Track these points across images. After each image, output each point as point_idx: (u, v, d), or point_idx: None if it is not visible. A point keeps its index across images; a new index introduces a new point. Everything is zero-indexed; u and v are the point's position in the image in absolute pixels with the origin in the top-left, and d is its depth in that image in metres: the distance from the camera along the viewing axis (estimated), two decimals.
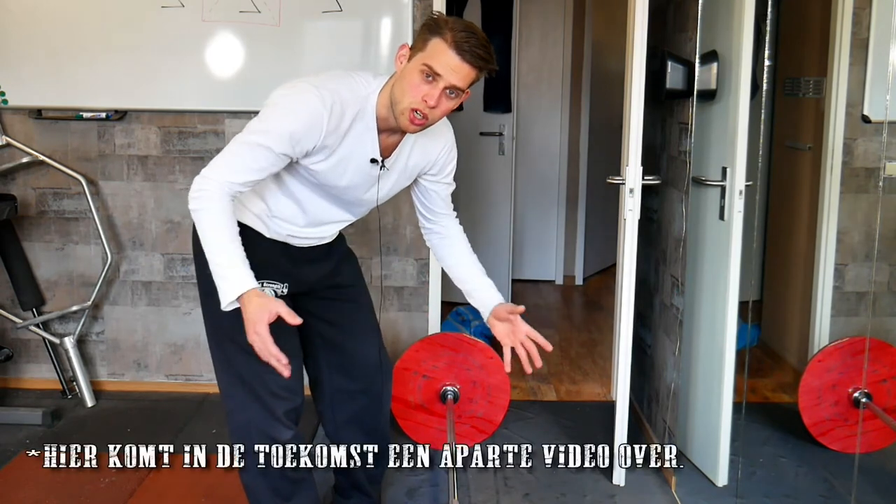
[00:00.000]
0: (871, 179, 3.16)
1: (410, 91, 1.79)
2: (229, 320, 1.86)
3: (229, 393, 2.07)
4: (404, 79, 1.81)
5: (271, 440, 2.04)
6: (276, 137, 1.79)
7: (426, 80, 1.78)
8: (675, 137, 2.86)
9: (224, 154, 1.83)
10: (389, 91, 1.85)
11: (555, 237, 5.46)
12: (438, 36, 1.76)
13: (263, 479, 2.09)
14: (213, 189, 1.79)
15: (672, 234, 2.84)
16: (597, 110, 5.33)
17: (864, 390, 2.89)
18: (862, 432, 2.86)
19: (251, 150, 1.80)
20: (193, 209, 1.82)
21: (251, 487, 2.13)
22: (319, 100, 1.80)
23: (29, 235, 3.41)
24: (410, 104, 1.80)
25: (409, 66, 1.81)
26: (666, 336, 2.89)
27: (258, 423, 2.04)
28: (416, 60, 1.79)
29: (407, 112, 1.81)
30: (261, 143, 1.79)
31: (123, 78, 3.22)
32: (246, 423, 2.05)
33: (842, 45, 3.06)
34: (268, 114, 1.83)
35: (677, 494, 2.65)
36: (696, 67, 2.57)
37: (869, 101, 3.09)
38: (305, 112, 1.80)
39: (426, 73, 1.77)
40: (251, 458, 2.06)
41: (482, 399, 2.96)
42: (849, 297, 3.23)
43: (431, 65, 1.76)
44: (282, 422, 2.05)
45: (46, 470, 2.77)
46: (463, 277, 2.32)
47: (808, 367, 2.97)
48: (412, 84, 1.79)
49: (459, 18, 1.86)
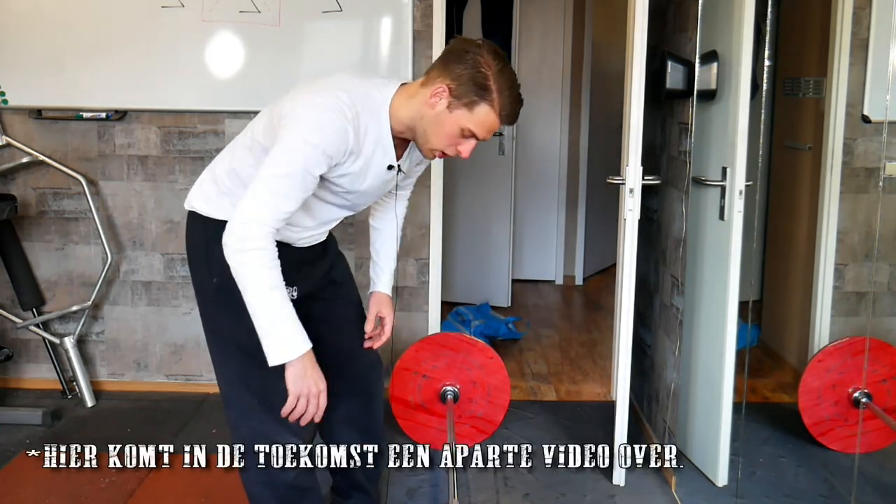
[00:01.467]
0: (871, 179, 3.16)
1: (446, 140, 1.82)
2: (233, 324, 1.84)
3: (232, 400, 2.03)
4: (441, 125, 1.80)
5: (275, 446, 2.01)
6: (314, 161, 1.74)
7: (463, 137, 1.81)
8: (675, 137, 2.86)
9: (259, 191, 1.72)
10: (410, 113, 1.84)
11: (555, 237, 5.46)
12: (487, 103, 1.76)
13: (269, 489, 2.06)
14: (261, 235, 1.70)
15: (672, 234, 2.84)
16: (597, 110, 5.33)
17: (864, 390, 2.89)
18: (862, 432, 2.86)
19: (290, 180, 1.73)
20: (240, 262, 1.70)
21: (257, 497, 2.10)
22: (341, 115, 1.77)
23: (29, 235, 3.41)
24: (442, 148, 1.84)
25: (448, 116, 1.79)
26: (666, 336, 2.89)
27: (264, 434, 2.00)
28: (458, 118, 1.78)
29: (436, 151, 1.85)
30: (300, 170, 1.73)
31: (123, 78, 3.23)
32: (251, 435, 2.01)
33: (842, 45, 3.06)
34: (295, 138, 1.75)
35: (677, 494, 2.65)
36: (696, 67, 2.57)
37: (869, 101, 3.09)
38: (332, 129, 1.76)
39: (466, 135, 1.81)
40: (257, 466, 2.02)
41: (482, 399, 2.96)
42: (849, 297, 3.23)
43: (475, 131, 1.80)
44: (293, 431, 1.99)
45: (46, 470, 2.77)
46: (379, 250, 2.31)
47: (808, 367, 2.97)
48: (449, 135, 1.81)
49: (504, 66, 1.79)
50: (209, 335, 2.06)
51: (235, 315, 1.79)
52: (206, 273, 1.95)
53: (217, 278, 1.90)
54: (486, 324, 4.06)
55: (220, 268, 1.79)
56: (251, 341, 1.78)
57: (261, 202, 1.72)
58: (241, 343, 1.87)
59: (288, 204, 1.74)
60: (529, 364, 3.92)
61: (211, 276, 1.93)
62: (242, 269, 1.71)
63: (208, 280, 1.95)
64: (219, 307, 1.95)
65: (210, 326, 2.04)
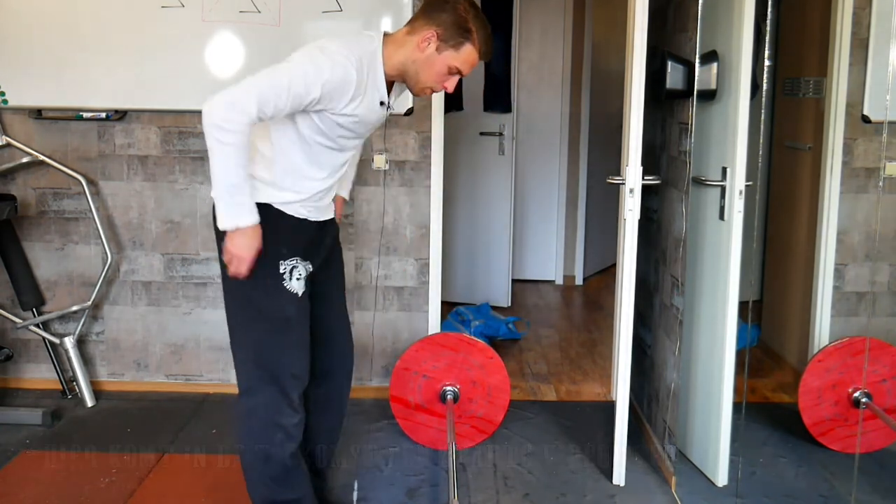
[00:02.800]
0: (871, 179, 3.16)
1: (435, 78, 2.11)
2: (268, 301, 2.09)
3: (247, 373, 2.18)
4: (431, 67, 2.08)
5: (277, 427, 2.15)
6: (312, 80, 1.95)
7: (450, 74, 2.11)
8: (675, 137, 2.86)
9: (253, 85, 1.93)
10: (401, 58, 2.09)
11: (555, 237, 5.46)
12: (470, 43, 2.08)
13: (263, 464, 2.18)
14: (245, 123, 1.91)
15: (672, 234, 2.84)
16: (597, 110, 5.33)
17: (864, 390, 2.89)
18: (862, 432, 2.86)
19: (285, 87, 1.94)
20: (220, 140, 1.91)
21: (250, 468, 2.22)
22: (346, 58, 2.00)
23: (29, 235, 3.41)
24: (432, 86, 2.13)
25: (437, 57, 2.07)
26: (666, 336, 2.89)
27: (269, 408, 2.15)
28: (447, 57, 2.07)
29: (426, 89, 2.14)
30: (298, 82, 1.94)
31: (123, 78, 3.23)
32: (256, 406, 2.16)
33: (842, 45, 3.06)
34: (302, 58, 1.99)
35: (677, 494, 2.65)
36: (696, 67, 2.57)
37: (869, 101, 3.09)
38: (342, 67, 1.98)
39: (452, 72, 2.10)
40: (254, 442, 2.17)
41: (482, 399, 2.96)
42: (849, 297, 3.23)
43: (461, 68, 2.10)
44: (293, 406, 2.17)
45: (46, 470, 2.78)
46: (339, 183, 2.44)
47: (808, 367, 2.97)
48: (438, 73, 2.10)
49: (477, 12, 2.11)
50: (235, 310, 2.17)
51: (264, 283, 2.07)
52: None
53: None
54: (486, 324, 4.06)
55: None
56: (273, 310, 2.09)
57: (251, 95, 1.92)
58: (263, 311, 2.11)
59: (273, 106, 1.94)
60: (529, 364, 3.92)
61: None
62: (217, 145, 1.91)
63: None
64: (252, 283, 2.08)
65: (237, 301, 2.16)
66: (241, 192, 1.97)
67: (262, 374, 2.14)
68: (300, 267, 2.14)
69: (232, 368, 3.42)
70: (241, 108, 1.90)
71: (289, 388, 2.16)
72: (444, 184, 3.29)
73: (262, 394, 2.15)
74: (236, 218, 1.98)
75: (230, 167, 1.93)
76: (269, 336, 2.13)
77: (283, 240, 2.11)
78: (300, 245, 2.16)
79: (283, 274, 2.11)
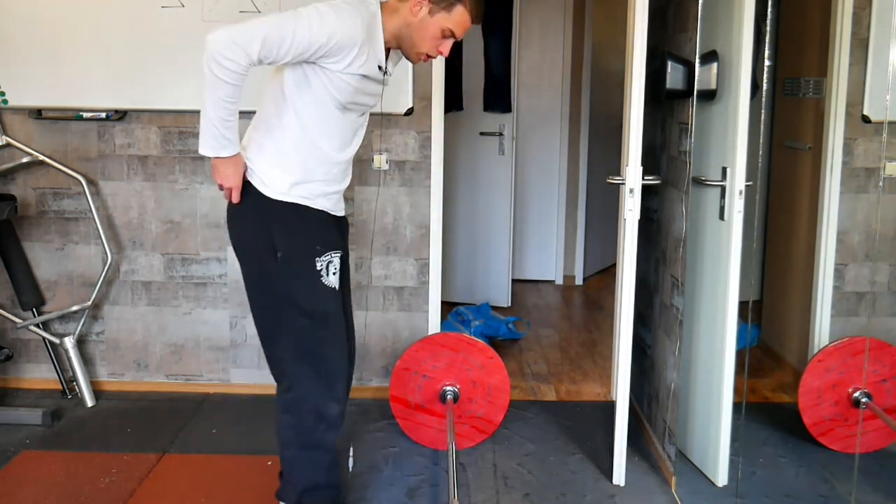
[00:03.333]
0: (871, 179, 3.16)
1: (430, 42, 2.14)
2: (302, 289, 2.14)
3: (288, 369, 2.22)
4: (425, 30, 2.11)
5: (321, 417, 2.21)
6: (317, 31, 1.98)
7: (444, 37, 2.14)
8: (675, 137, 2.86)
9: (259, 26, 1.95)
10: (396, 24, 2.13)
11: (555, 237, 5.46)
12: (461, 5, 2.10)
13: (308, 453, 2.25)
14: (244, 63, 1.95)
15: (672, 234, 2.84)
16: (597, 110, 5.33)
17: (864, 390, 2.89)
18: (862, 432, 2.86)
19: (291, 33, 1.96)
20: (219, 76, 1.94)
21: (293, 461, 2.28)
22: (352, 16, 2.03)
23: (29, 235, 3.41)
24: (427, 51, 2.16)
25: (430, 20, 2.11)
26: (666, 336, 2.89)
27: (313, 400, 2.21)
28: (440, 20, 2.10)
29: (421, 55, 2.17)
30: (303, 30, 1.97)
31: (123, 78, 3.23)
32: (300, 399, 2.21)
33: (842, 45, 3.06)
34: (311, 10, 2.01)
35: (677, 494, 2.65)
36: (696, 67, 2.57)
37: (869, 101, 3.09)
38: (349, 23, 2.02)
39: (446, 35, 2.13)
40: (300, 434, 2.23)
41: (482, 399, 2.96)
42: (849, 297, 3.23)
43: (454, 30, 2.13)
44: (336, 398, 2.24)
45: (46, 470, 2.78)
46: None
47: (808, 367, 2.97)
48: (433, 37, 2.13)
49: None
50: (273, 308, 2.20)
51: (304, 280, 2.14)
52: (268, 249, 2.15)
53: (281, 252, 2.14)
54: (486, 324, 4.06)
55: (282, 241, 2.13)
56: (313, 306, 2.15)
57: (256, 36, 1.94)
58: (304, 308, 2.16)
59: (276, 51, 1.97)
60: (529, 364, 3.92)
61: (275, 251, 2.14)
62: (212, 77, 1.95)
63: (270, 255, 2.15)
64: (287, 276, 2.16)
65: (275, 299, 2.19)
66: (227, 128, 2.02)
67: (305, 370, 2.20)
68: (335, 261, 2.20)
69: (232, 368, 3.46)
70: (243, 46, 1.93)
71: (331, 380, 2.21)
72: (444, 184, 3.29)
73: (306, 387, 2.20)
74: (220, 149, 2.04)
75: (221, 100, 1.97)
76: (311, 332, 2.18)
77: (315, 236, 2.17)
78: (330, 238, 2.22)
79: (321, 270, 2.16)
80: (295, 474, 2.29)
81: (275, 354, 2.25)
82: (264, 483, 2.65)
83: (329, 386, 2.22)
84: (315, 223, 2.19)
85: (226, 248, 3.39)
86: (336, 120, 2.16)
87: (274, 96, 2.16)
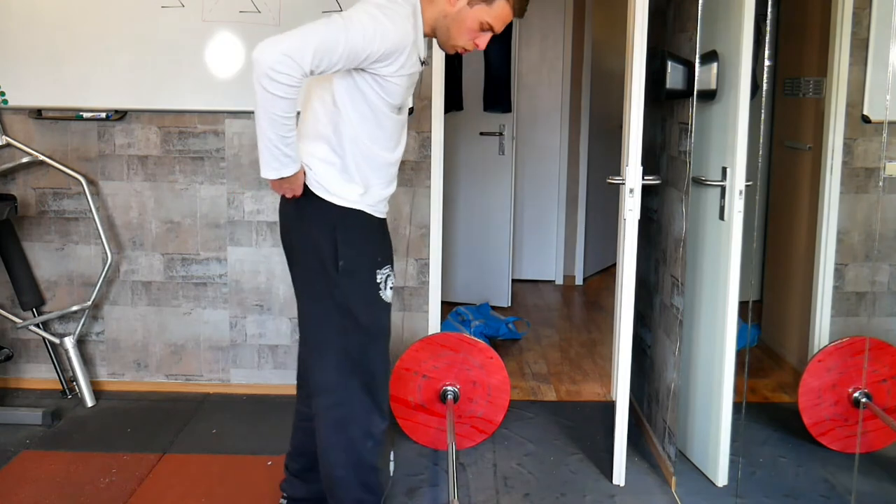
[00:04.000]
0: (871, 179, 3.16)
1: (467, 35, 2.06)
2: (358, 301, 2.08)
3: (337, 381, 2.14)
4: (462, 22, 2.03)
5: (369, 434, 2.15)
6: (371, 35, 1.90)
7: (482, 30, 2.05)
8: (675, 137, 2.86)
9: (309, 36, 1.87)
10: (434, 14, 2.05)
11: (555, 237, 5.46)
12: None
13: (356, 471, 2.18)
14: (298, 76, 1.85)
15: (672, 234, 2.84)
16: (597, 110, 5.33)
17: (864, 390, 2.89)
18: (862, 432, 2.86)
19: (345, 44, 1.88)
20: (274, 92, 1.84)
21: (343, 481, 2.19)
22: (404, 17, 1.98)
23: (29, 235, 3.41)
24: (464, 44, 2.08)
25: (469, 12, 2.02)
26: (666, 336, 2.89)
27: (363, 417, 2.15)
28: (479, 12, 2.02)
29: (457, 48, 2.09)
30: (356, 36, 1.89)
31: (123, 78, 3.23)
32: (351, 416, 2.14)
33: (842, 45, 3.06)
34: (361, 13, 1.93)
35: (677, 494, 2.65)
36: (696, 67, 2.57)
37: (869, 101, 3.09)
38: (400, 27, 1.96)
39: (484, 28, 2.04)
40: (349, 454, 2.16)
41: (482, 399, 2.96)
42: (849, 297, 3.24)
43: (493, 24, 2.04)
44: (383, 414, 2.19)
45: (46, 470, 2.77)
46: None
47: (808, 367, 2.97)
48: (470, 30, 2.05)
49: None
50: (329, 319, 2.12)
51: (363, 292, 2.08)
52: (330, 258, 2.07)
53: (343, 261, 2.07)
54: (486, 324, 4.06)
55: (346, 251, 2.06)
56: (370, 319, 2.09)
57: (308, 46, 1.85)
58: (360, 321, 2.09)
59: (328, 60, 1.88)
60: (529, 364, 3.92)
61: (336, 260, 2.07)
62: (266, 95, 1.85)
63: (332, 264, 2.07)
64: (347, 286, 2.09)
65: (333, 310, 2.11)
66: (287, 145, 1.93)
67: (357, 383, 2.13)
68: (392, 275, 2.15)
69: (232, 368, 3.46)
70: (296, 58, 1.83)
71: (380, 396, 2.17)
72: (444, 184, 3.29)
73: (357, 403, 2.14)
74: (282, 168, 1.95)
75: (278, 118, 1.87)
76: (365, 346, 2.12)
77: (377, 248, 2.13)
78: (388, 250, 2.17)
79: (380, 284, 2.12)
80: (344, 494, 2.20)
81: (320, 365, 2.16)
82: (264, 483, 2.66)
83: (377, 402, 2.16)
84: (377, 233, 2.14)
85: (226, 248, 3.39)
86: (389, 123, 2.10)
87: (324, 106, 2.06)
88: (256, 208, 3.37)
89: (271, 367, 3.46)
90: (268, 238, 3.38)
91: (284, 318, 3.43)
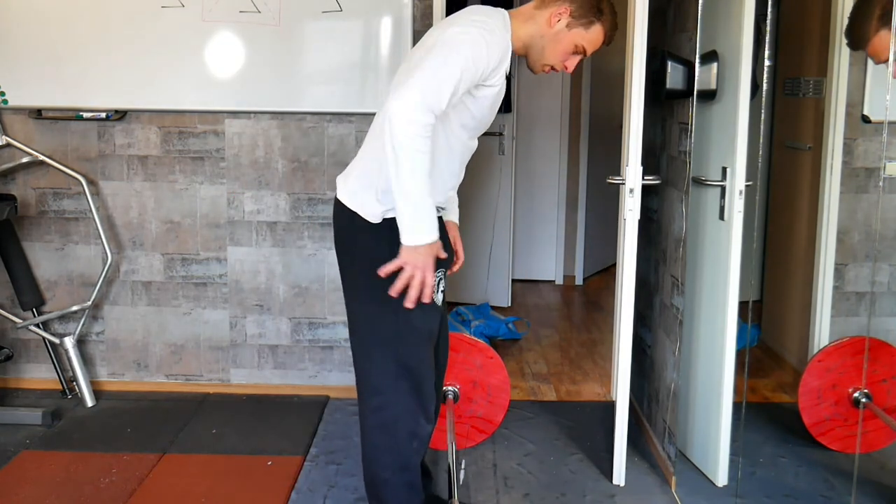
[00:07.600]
0: (871, 179, 3.16)
1: (559, 56, 2.07)
2: (420, 315, 2.02)
3: (385, 384, 2.12)
4: (558, 43, 2.05)
5: (414, 436, 2.14)
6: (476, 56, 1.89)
7: (574, 53, 2.07)
8: (675, 137, 2.86)
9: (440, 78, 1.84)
10: (529, 32, 2.05)
11: (555, 237, 5.46)
12: (600, 23, 2.05)
13: (401, 473, 2.17)
14: (427, 123, 1.81)
15: (672, 234, 2.84)
16: (597, 110, 5.33)
17: (864, 390, 2.89)
18: (862, 432, 2.86)
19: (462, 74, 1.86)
20: (420, 148, 1.81)
21: (389, 483, 2.18)
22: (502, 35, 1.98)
23: (29, 235, 3.41)
24: (554, 64, 2.08)
25: (566, 34, 2.04)
26: (666, 336, 2.89)
27: (409, 419, 2.13)
28: (575, 35, 2.04)
29: (546, 66, 2.09)
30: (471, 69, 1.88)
31: (123, 78, 3.23)
32: (396, 418, 2.13)
33: (842, 45, 3.06)
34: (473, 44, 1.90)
35: (677, 494, 2.65)
36: (696, 67, 2.57)
37: (869, 101, 3.09)
38: (501, 44, 1.97)
39: (578, 51, 2.07)
40: (395, 456, 2.15)
41: (482, 399, 2.96)
42: (849, 297, 3.23)
43: (587, 48, 2.07)
44: (429, 417, 2.18)
45: (46, 470, 2.78)
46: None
47: (808, 367, 2.97)
48: (564, 52, 2.06)
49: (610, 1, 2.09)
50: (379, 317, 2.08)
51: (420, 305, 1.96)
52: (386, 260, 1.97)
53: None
54: (486, 324, 4.06)
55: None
56: (423, 322, 2.06)
57: (439, 88, 1.83)
58: (415, 324, 2.06)
59: (453, 95, 1.86)
60: (529, 364, 3.92)
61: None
62: (410, 154, 1.80)
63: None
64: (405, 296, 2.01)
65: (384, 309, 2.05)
66: (431, 205, 1.87)
67: (405, 385, 2.11)
68: (444, 280, 2.12)
69: (232, 368, 3.46)
70: (432, 105, 1.82)
71: (427, 398, 2.15)
72: None
73: (403, 405, 2.13)
74: (427, 233, 1.88)
75: (420, 178, 1.81)
76: (415, 349, 2.11)
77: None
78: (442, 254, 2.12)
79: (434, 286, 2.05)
80: (389, 496, 2.18)
81: (368, 366, 2.14)
82: (264, 483, 2.66)
83: (424, 405, 2.15)
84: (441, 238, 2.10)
85: (226, 248, 3.40)
86: (462, 146, 2.09)
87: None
88: (256, 208, 3.37)
89: (271, 367, 3.46)
90: (268, 238, 3.38)
91: (284, 318, 3.43)
